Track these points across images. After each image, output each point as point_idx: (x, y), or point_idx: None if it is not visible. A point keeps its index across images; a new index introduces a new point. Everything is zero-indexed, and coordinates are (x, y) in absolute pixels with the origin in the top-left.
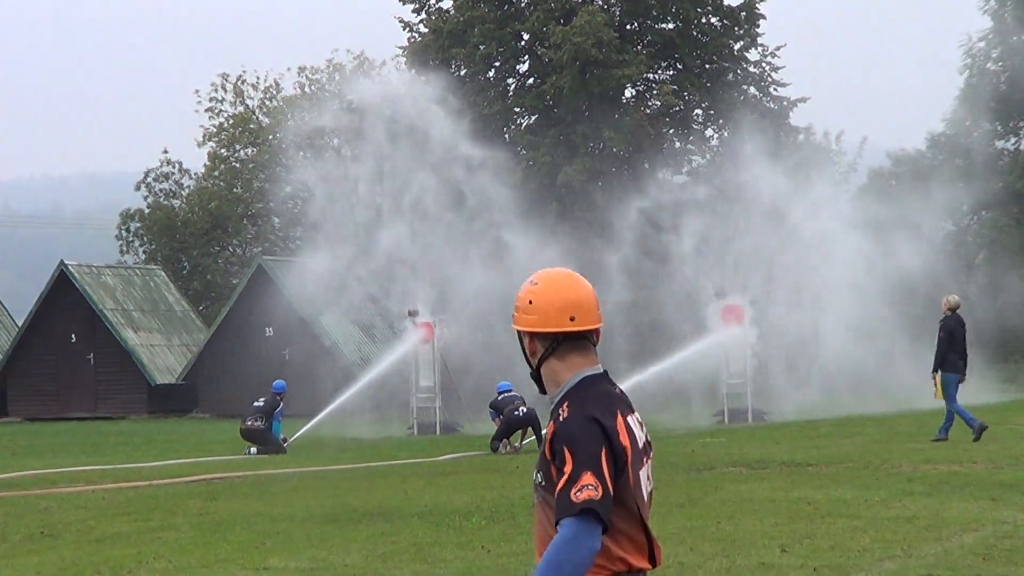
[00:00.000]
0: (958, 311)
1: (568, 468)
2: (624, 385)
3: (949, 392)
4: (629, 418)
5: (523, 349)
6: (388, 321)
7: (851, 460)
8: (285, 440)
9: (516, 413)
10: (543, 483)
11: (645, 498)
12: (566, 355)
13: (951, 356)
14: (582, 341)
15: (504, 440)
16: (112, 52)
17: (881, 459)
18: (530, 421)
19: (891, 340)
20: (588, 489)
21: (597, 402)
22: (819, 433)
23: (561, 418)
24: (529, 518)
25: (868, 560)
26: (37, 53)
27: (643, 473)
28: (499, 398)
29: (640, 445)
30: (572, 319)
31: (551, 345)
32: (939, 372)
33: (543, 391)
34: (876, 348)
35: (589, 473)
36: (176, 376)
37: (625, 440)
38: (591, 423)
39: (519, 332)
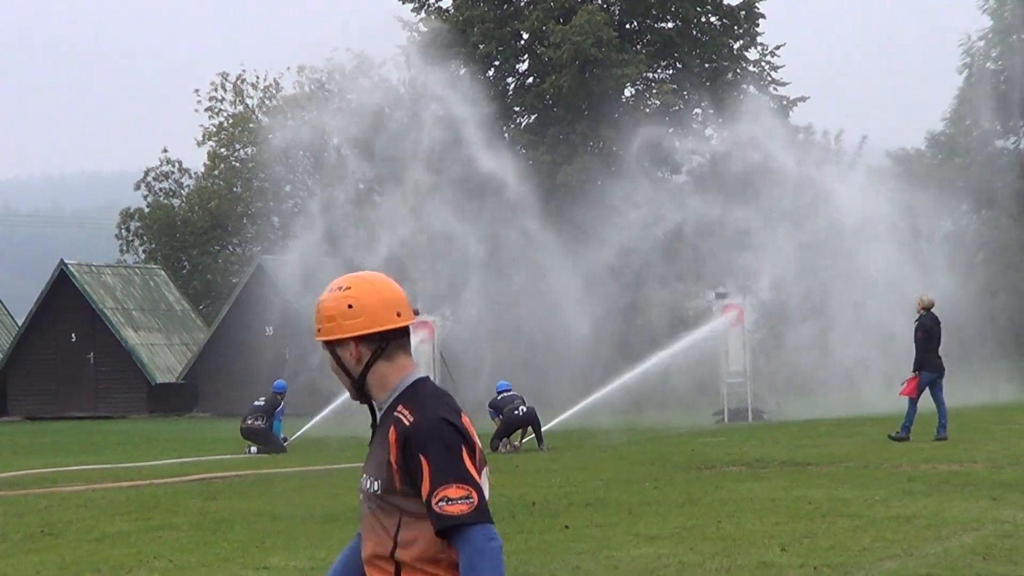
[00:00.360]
0: (932, 310)
1: (429, 478)
2: (618, 382)
3: (934, 389)
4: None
5: (339, 362)
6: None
7: (851, 459)
8: (286, 440)
9: (516, 412)
10: (379, 491)
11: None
12: (394, 356)
13: (929, 355)
14: (405, 339)
15: (504, 439)
16: (112, 51)
17: (881, 458)
18: (530, 420)
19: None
20: (462, 503)
21: (439, 402)
22: (819, 432)
23: (408, 423)
24: (528, 517)
25: (868, 559)
26: (36, 53)
27: (486, 477)
28: (498, 397)
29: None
30: (398, 314)
31: (379, 347)
32: (919, 370)
33: (364, 400)
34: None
35: (456, 483)
36: (176, 375)
37: (475, 439)
38: (445, 425)
39: (334, 344)
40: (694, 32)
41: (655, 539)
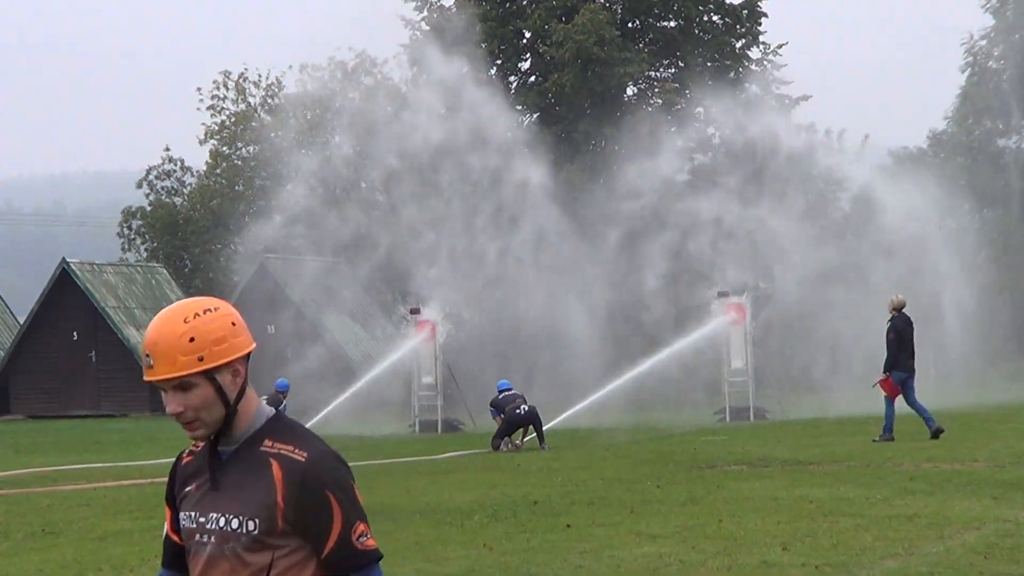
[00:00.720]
0: (903, 310)
1: (340, 515)
2: (619, 382)
3: (909, 387)
4: None
5: (220, 391)
6: (393, 319)
7: (853, 458)
8: None
9: (517, 411)
10: (255, 531)
11: None
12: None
13: (901, 356)
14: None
15: (505, 438)
16: (114, 50)
17: (883, 457)
18: (531, 419)
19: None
20: (369, 538)
21: (315, 437)
22: (821, 431)
23: (301, 460)
24: (530, 516)
25: (870, 558)
26: (38, 52)
27: None
28: (500, 396)
29: None
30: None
31: (246, 369)
32: (890, 370)
33: (221, 434)
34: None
35: (362, 522)
36: None
37: None
38: (339, 460)
39: (216, 370)
40: (696, 31)
41: (657, 538)
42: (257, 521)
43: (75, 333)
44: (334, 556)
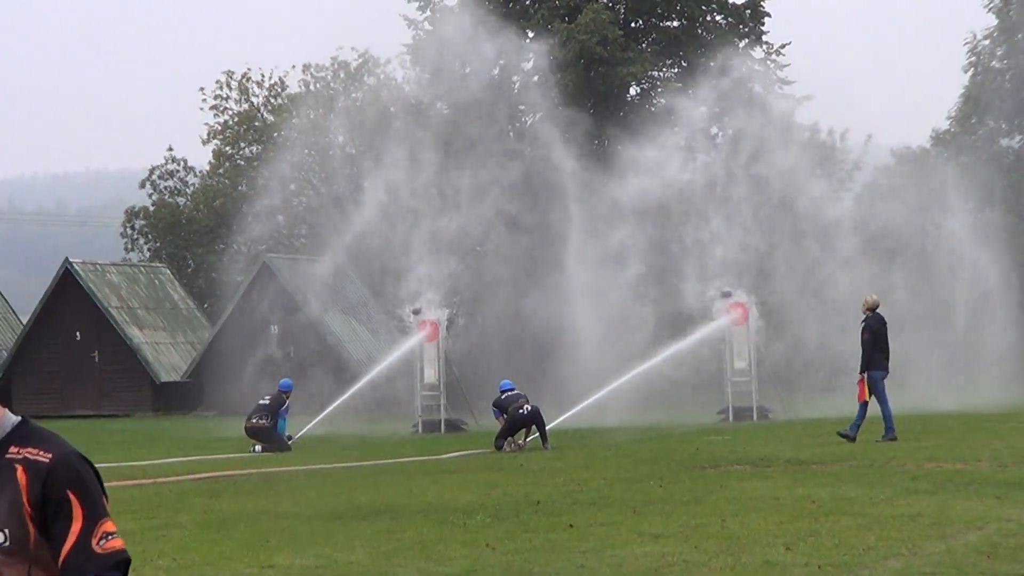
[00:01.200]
0: (877, 310)
1: (82, 514)
2: (626, 377)
3: (878, 390)
4: None
5: None
6: (394, 318)
7: (855, 458)
8: (291, 438)
9: (520, 411)
10: (7, 542)
11: None
12: None
13: (876, 355)
14: None
15: (508, 438)
16: (116, 49)
17: (886, 457)
18: (534, 419)
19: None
20: (114, 538)
21: (63, 441)
22: (823, 431)
23: (45, 460)
24: (533, 516)
25: (872, 558)
26: (40, 51)
27: None
28: (503, 396)
29: None
30: None
31: None
32: (866, 372)
33: None
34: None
35: (108, 520)
36: (181, 374)
37: None
38: (84, 462)
39: None
40: (699, 31)
41: (659, 538)
42: (7, 532)
43: (78, 333)
44: (72, 559)
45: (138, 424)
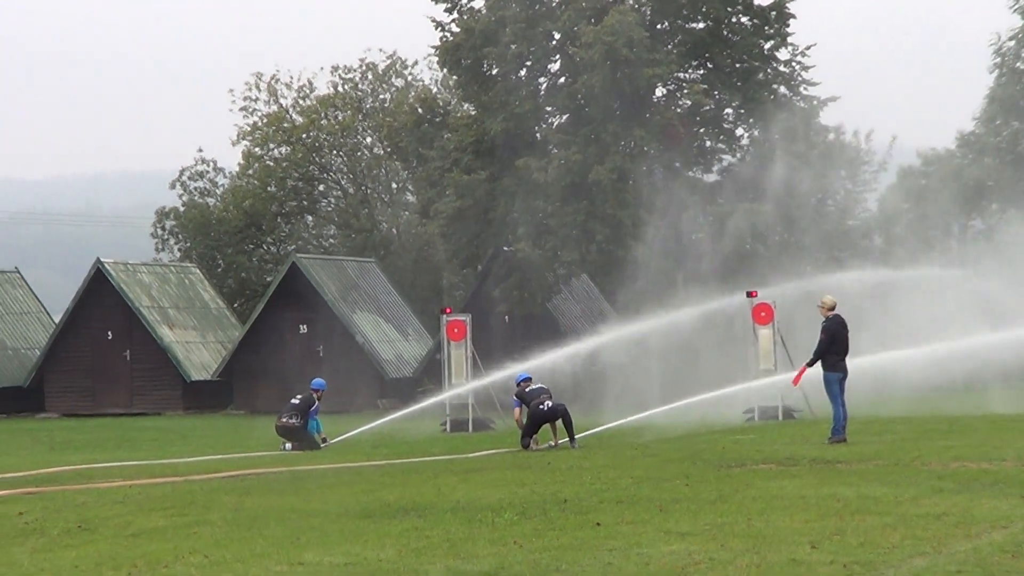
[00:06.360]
0: (835, 310)
1: None
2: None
3: (833, 391)
4: None
5: None
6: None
7: (881, 458)
8: (325, 440)
9: (541, 407)
10: None
11: None
12: None
13: (831, 356)
14: None
15: (533, 436)
16: (147, 51)
17: (911, 457)
18: (557, 415)
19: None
20: None
21: None
22: (848, 431)
23: None
24: (560, 514)
25: (898, 557)
26: (71, 54)
27: None
28: (526, 389)
29: None
30: None
31: None
32: (811, 366)
33: None
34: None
35: None
36: (211, 373)
37: None
38: None
39: None
40: (725, 32)
41: (686, 536)
42: None
43: (109, 332)
44: None
45: (169, 422)
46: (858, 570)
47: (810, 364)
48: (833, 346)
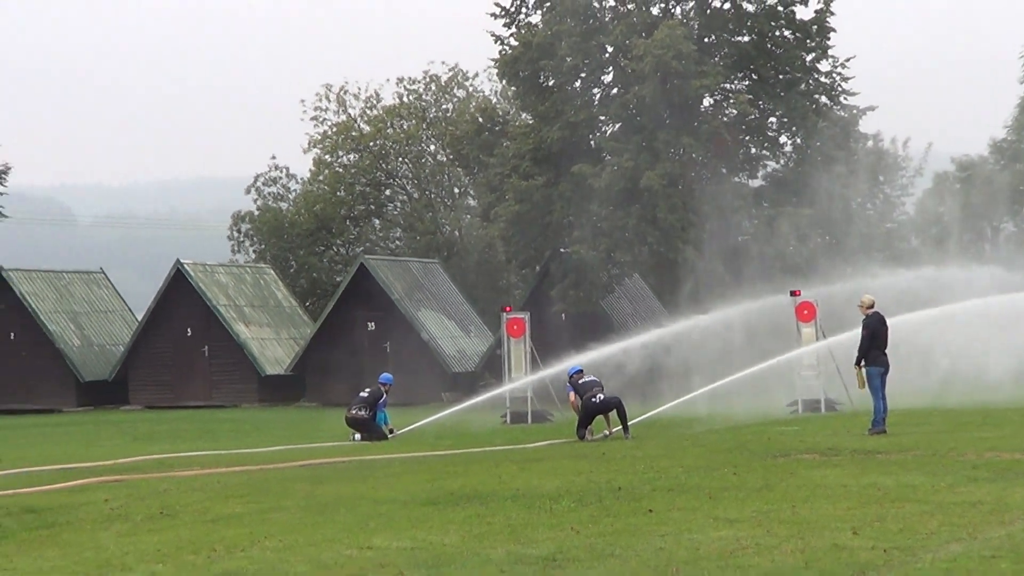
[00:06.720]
0: (874, 308)
1: None
2: (715, 384)
3: (874, 384)
4: None
5: None
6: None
7: (919, 448)
8: (392, 431)
9: (593, 399)
10: None
11: None
12: None
13: (873, 351)
14: None
15: (588, 427)
16: (223, 65)
17: (947, 447)
18: (610, 406)
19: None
20: None
21: None
22: (888, 422)
23: None
24: (615, 501)
25: (935, 542)
26: (152, 67)
27: None
28: (578, 381)
29: None
30: None
31: None
32: (863, 366)
33: None
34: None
35: None
36: (284, 367)
37: None
38: None
39: None
40: (769, 46)
41: (734, 522)
42: None
43: (189, 329)
44: None
45: (245, 414)
46: (897, 555)
47: (857, 363)
48: (874, 341)
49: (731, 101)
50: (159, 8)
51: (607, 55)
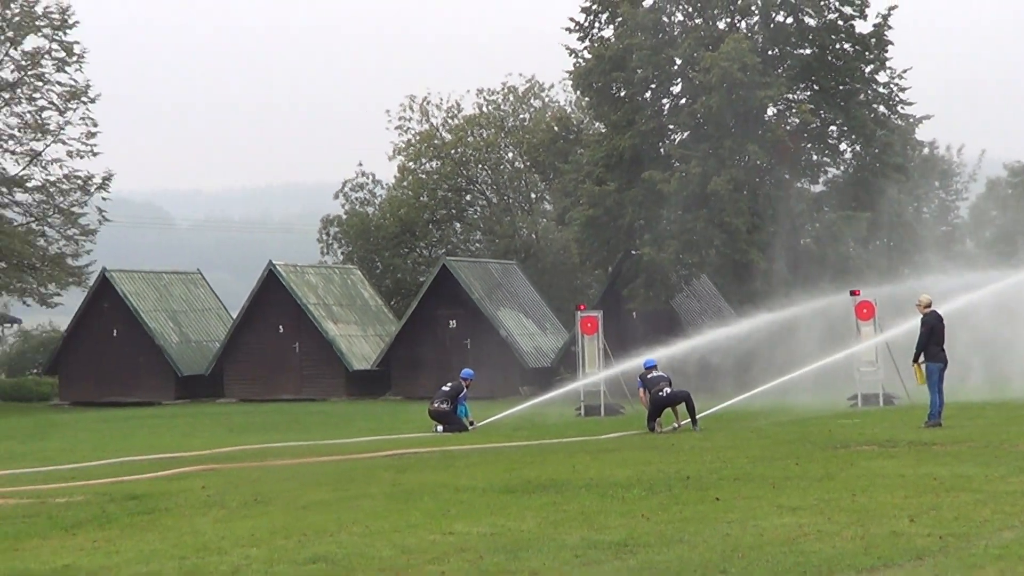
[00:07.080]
0: (932, 307)
1: None
2: (779, 381)
3: (933, 380)
4: None
5: None
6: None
7: (973, 440)
8: (472, 423)
9: (660, 394)
10: None
11: None
12: None
13: (932, 348)
14: None
15: (657, 419)
16: (313, 77)
17: (1001, 439)
18: (677, 400)
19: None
20: None
21: None
22: (944, 415)
23: None
24: (683, 490)
25: (989, 529)
26: (246, 78)
27: None
28: (648, 376)
29: None
30: None
31: None
32: (923, 362)
33: None
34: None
35: None
36: (371, 363)
37: None
38: None
39: None
40: (829, 58)
41: (796, 510)
42: None
43: (280, 327)
44: None
45: (333, 407)
46: (952, 542)
47: (915, 359)
48: (932, 338)
49: (793, 111)
50: (253, 26)
51: (676, 67)
